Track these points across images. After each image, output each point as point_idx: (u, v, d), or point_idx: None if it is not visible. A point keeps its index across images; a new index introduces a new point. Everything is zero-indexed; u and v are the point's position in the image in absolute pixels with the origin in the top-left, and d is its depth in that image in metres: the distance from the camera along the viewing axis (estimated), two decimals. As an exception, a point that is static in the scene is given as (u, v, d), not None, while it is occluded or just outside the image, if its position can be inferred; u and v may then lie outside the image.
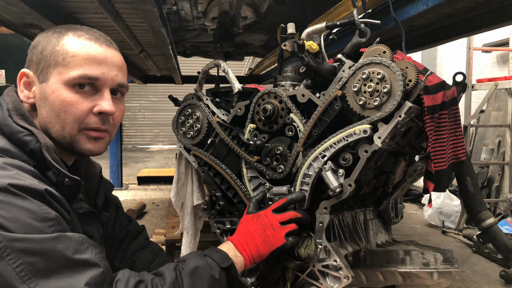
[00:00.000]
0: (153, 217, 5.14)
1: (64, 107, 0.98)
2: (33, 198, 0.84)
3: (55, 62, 0.99)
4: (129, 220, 1.41)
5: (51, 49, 1.00)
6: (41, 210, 0.84)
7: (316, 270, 1.33)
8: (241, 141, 1.50)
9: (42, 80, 1.00)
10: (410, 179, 1.69)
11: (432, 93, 1.29)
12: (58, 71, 0.99)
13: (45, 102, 0.99)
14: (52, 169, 0.94)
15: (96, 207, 1.19)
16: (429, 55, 7.69)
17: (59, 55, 0.99)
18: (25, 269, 0.79)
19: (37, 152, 0.94)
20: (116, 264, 1.29)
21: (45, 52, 1.00)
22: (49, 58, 0.99)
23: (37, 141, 0.94)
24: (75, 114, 0.99)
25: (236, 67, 6.29)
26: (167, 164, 10.01)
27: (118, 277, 0.91)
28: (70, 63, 0.98)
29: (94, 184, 1.21)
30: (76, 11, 2.08)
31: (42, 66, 1.00)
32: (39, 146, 0.93)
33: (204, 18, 3.30)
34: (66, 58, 0.98)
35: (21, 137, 0.94)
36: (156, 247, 1.40)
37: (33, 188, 0.85)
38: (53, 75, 0.99)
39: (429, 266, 1.41)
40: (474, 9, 2.06)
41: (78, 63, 0.99)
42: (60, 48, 0.99)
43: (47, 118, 1.00)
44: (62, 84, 0.98)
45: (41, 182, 0.89)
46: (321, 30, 1.47)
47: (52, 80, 0.99)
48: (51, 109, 0.99)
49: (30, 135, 0.94)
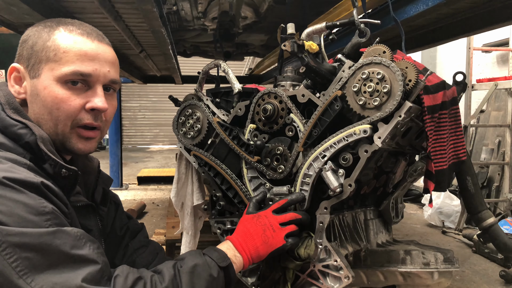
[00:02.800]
0: (153, 217, 5.14)
1: (56, 104, 0.97)
2: (29, 192, 0.83)
3: (46, 58, 0.97)
4: (128, 218, 1.40)
5: (42, 44, 0.98)
6: (38, 203, 0.83)
7: (317, 270, 1.33)
8: (241, 141, 1.50)
9: (33, 76, 0.98)
10: (410, 179, 1.69)
11: (432, 93, 1.29)
12: (49, 67, 0.97)
13: (36, 98, 0.98)
14: (48, 160, 0.93)
15: (94, 202, 1.18)
16: (429, 55, 7.69)
17: (51, 51, 0.97)
18: (21, 264, 0.78)
19: (32, 144, 0.93)
20: (117, 262, 1.29)
21: (36, 47, 0.98)
22: (40, 53, 0.97)
23: (32, 133, 0.93)
24: (67, 110, 0.98)
25: (236, 67, 6.30)
26: (167, 164, 10.01)
27: (117, 272, 0.91)
28: (62, 59, 0.97)
29: (92, 179, 1.20)
30: (76, 11, 2.08)
31: (33, 61, 0.98)
32: (34, 139, 0.93)
33: (204, 18, 3.30)
34: (58, 54, 0.97)
35: (16, 130, 0.93)
36: (157, 246, 1.39)
37: (29, 181, 0.84)
38: (44, 71, 0.97)
39: (430, 265, 1.41)
40: (474, 9, 2.06)
41: (70, 59, 0.97)
42: (52, 43, 0.97)
43: (40, 114, 0.99)
44: (54, 80, 0.97)
45: (37, 175, 0.88)
46: (321, 30, 1.47)
47: (44, 76, 0.97)
48: (43, 106, 0.98)
49: (24, 128, 0.94)
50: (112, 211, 1.33)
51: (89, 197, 1.18)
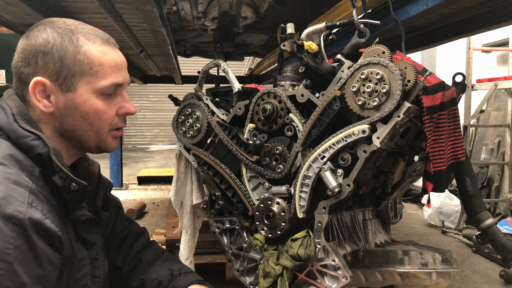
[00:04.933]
0: (153, 217, 5.14)
1: (98, 115, 1.03)
2: (5, 225, 0.79)
3: (81, 72, 0.99)
4: (129, 221, 1.41)
5: (72, 58, 0.99)
6: (2, 246, 0.79)
7: (315, 270, 1.33)
8: (241, 140, 1.50)
9: (66, 90, 0.99)
10: (409, 179, 1.69)
11: (431, 93, 1.29)
12: (86, 80, 1.00)
13: (73, 111, 1.01)
14: (59, 173, 0.93)
15: (95, 207, 1.19)
16: (429, 55, 7.69)
17: (85, 64, 0.99)
18: None
19: (44, 156, 0.93)
20: (118, 263, 1.29)
21: (66, 61, 0.98)
22: (72, 67, 0.99)
23: (45, 145, 0.94)
24: (107, 119, 1.05)
25: (236, 67, 6.29)
26: (167, 164, 10.01)
27: None
28: (99, 72, 1.01)
29: (93, 184, 1.20)
30: (77, 11, 2.08)
31: (65, 75, 0.99)
32: (47, 150, 0.93)
33: (204, 18, 3.30)
34: (94, 68, 1.00)
35: (28, 141, 0.93)
36: (159, 246, 1.40)
37: (15, 217, 0.81)
38: (80, 84, 1.00)
39: (428, 266, 1.41)
40: (474, 9, 2.06)
41: (106, 72, 1.02)
42: (83, 56, 0.99)
43: (77, 126, 1.02)
44: (93, 93, 1.01)
45: (31, 206, 0.85)
46: (320, 30, 1.47)
47: (81, 90, 1.00)
48: (82, 118, 1.01)
49: (37, 139, 0.94)
50: (112, 214, 1.33)
51: (91, 203, 1.18)
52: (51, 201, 0.93)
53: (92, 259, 1.07)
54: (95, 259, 1.09)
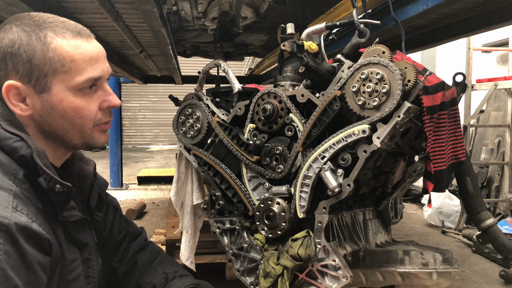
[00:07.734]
0: (153, 217, 5.14)
1: (78, 113, 0.98)
2: None
3: (53, 70, 0.94)
4: (127, 222, 1.40)
5: (41, 57, 0.93)
6: None
7: (315, 270, 1.33)
8: (241, 141, 1.50)
9: (40, 91, 0.95)
10: (409, 179, 1.69)
11: (431, 93, 1.29)
12: (59, 79, 0.95)
13: (52, 112, 0.96)
14: (43, 175, 0.90)
15: (89, 207, 1.17)
16: (429, 55, 7.69)
17: (56, 62, 0.94)
18: None
19: (28, 158, 0.90)
20: (115, 265, 1.28)
21: (35, 60, 0.93)
22: (43, 67, 0.93)
23: (28, 146, 0.91)
24: (89, 116, 1.00)
25: (236, 67, 6.30)
26: (167, 164, 10.02)
27: None
28: (72, 68, 0.95)
29: (88, 184, 1.18)
30: (76, 11, 2.08)
31: (37, 76, 0.93)
32: (30, 152, 0.90)
33: (204, 18, 3.30)
34: (66, 65, 0.94)
35: (11, 143, 0.90)
36: (156, 247, 1.39)
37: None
38: (54, 84, 0.94)
39: (428, 266, 1.41)
40: (474, 9, 2.06)
41: (81, 67, 0.96)
42: (53, 54, 0.93)
43: (58, 126, 0.98)
44: (69, 91, 0.96)
45: (16, 210, 0.84)
46: (321, 30, 1.47)
47: (56, 90, 0.95)
48: (62, 117, 0.97)
49: (20, 140, 0.91)
50: (110, 215, 1.31)
51: (84, 202, 1.16)
52: (37, 204, 0.91)
53: (85, 259, 1.06)
54: (88, 259, 1.08)
